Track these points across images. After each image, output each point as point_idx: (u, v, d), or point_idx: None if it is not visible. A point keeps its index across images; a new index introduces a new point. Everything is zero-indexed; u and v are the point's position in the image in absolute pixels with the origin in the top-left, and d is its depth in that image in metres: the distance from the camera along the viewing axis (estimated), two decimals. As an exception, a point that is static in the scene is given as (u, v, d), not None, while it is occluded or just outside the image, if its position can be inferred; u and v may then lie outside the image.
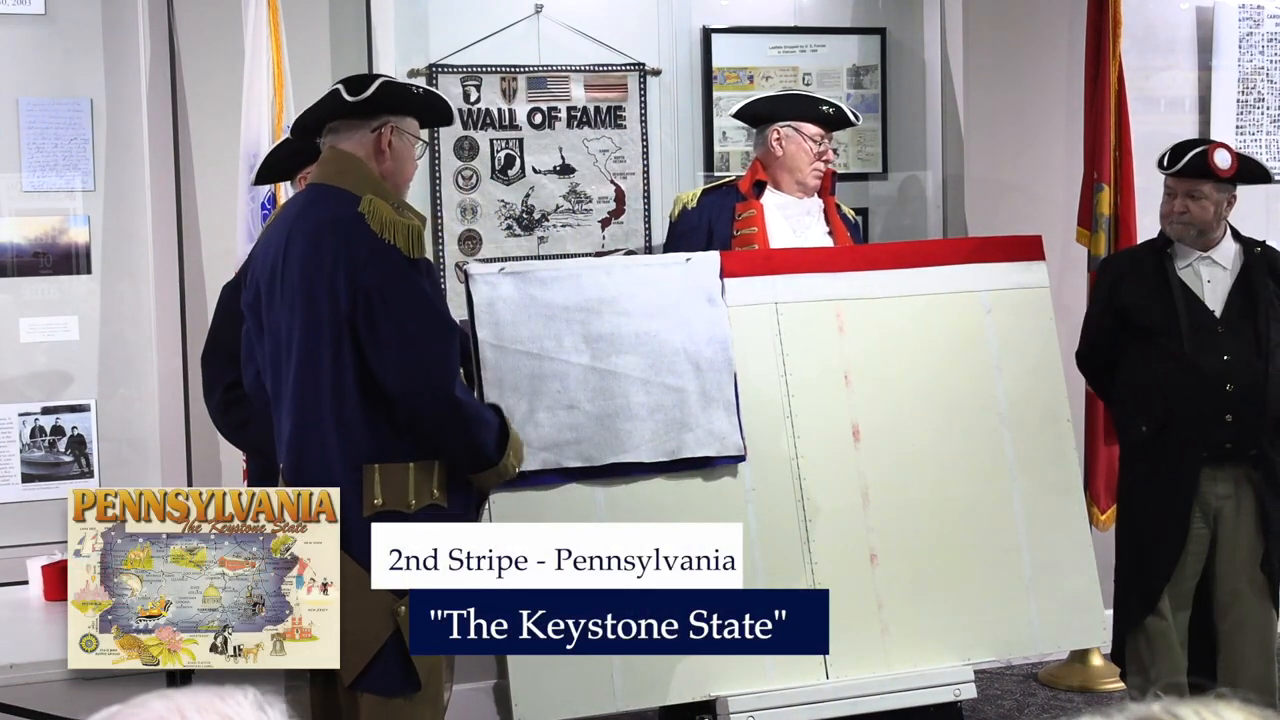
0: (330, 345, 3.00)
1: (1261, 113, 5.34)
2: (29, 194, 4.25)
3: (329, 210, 3.06)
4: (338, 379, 3.02)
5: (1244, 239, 4.04)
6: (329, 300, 3.00)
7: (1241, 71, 5.32)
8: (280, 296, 3.07)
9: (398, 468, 3.05)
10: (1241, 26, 5.31)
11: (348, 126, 3.12)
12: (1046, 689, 4.79)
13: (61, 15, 4.25)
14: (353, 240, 3.00)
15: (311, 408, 3.04)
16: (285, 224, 3.14)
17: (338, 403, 3.03)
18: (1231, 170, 3.94)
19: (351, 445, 3.04)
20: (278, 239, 3.12)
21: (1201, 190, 3.93)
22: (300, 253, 3.04)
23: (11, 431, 4.24)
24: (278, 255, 3.09)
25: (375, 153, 3.12)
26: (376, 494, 3.04)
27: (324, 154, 3.17)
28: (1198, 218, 3.94)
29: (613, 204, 4.81)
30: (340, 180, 3.09)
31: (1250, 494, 3.95)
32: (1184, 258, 4.00)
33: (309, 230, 3.05)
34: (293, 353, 3.05)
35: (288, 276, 3.06)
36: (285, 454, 3.12)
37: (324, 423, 3.04)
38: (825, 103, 4.26)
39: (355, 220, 3.01)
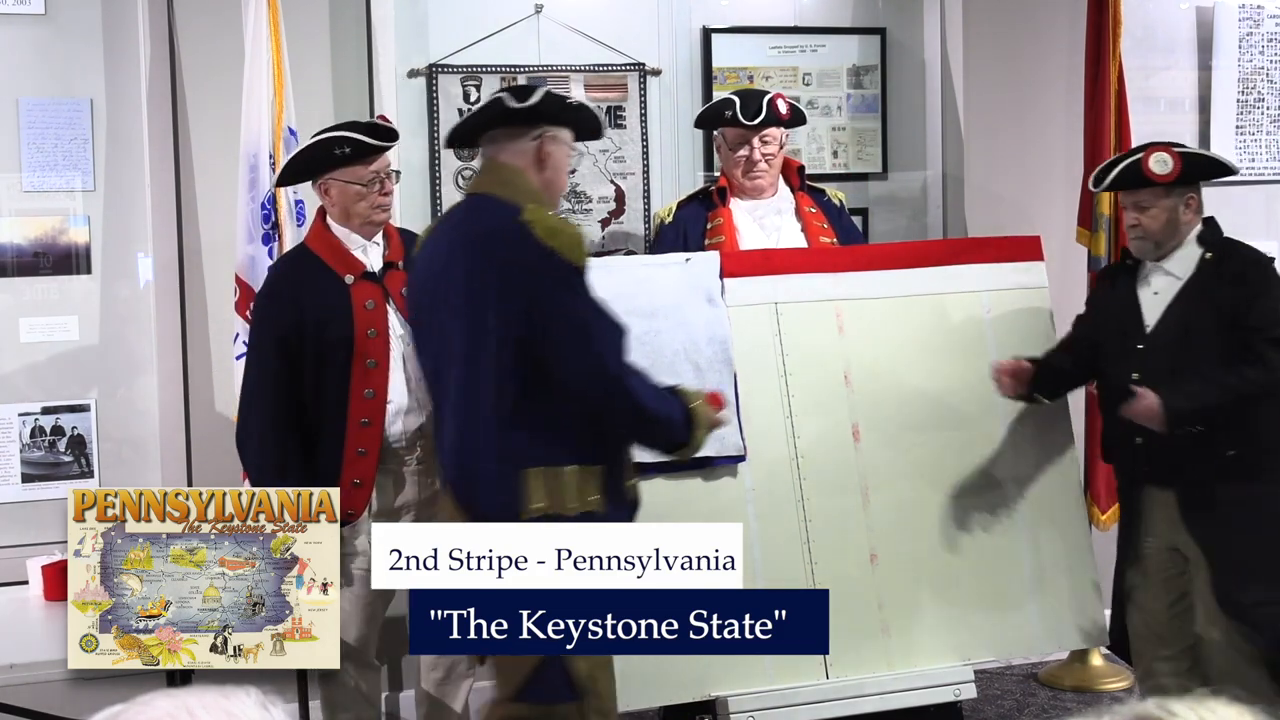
0: (494, 352, 3.02)
1: (1261, 113, 5.34)
2: (29, 194, 4.25)
3: (494, 219, 3.09)
4: (501, 384, 3.04)
5: (1210, 242, 3.72)
6: (496, 308, 3.01)
7: (1241, 71, 5.32)
8: (444, 305, 3.09)
9: (558, 471, 3.06)
10: (1241, 26, 5.31)
11: (507, 136, 3.15)
12: (1046, 689, 4.79)
13: (61, 15, 4.25)
14: (519, 248, 3.02)
15: (474, 413, 3.06)
16: (446, 233, 3.17)
17: (501, 407, 3.05)
18: (1173, 174, 3.64)
19: (513, 449, 3.05)
20: (438, 247, 3.15)
21: (1145, 200, 3.68)
22: (464, 261, 3.06)
23: (11, 431, 4.24)
24: (441, 263, 3.12)
25: (535, 162, 3.15)
26: (538, 498, 3.05)
27: (483, 164, 3.21)
28: (1148, 229, 3.68)
29: (613, 204, 4.81)
30: (502, 190, 3.12)
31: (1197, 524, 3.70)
32: (1146, 268, 3.77)
33: (473, 238, 3.08)
34: (456, 359, 3.07)
35: (452, 285, 3.07)
36: (448, 457, 3.13)
37: (486, 427, 3.05)
38: (728, 104, 4.16)
39: (521, 229, 3.03)
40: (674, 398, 3.20)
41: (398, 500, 3.65)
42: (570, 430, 3.09)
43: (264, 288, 3.70)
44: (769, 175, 4.18)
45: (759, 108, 4.09)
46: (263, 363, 3.56)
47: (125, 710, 0.95)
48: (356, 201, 3.59)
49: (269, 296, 3.62)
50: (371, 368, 3.56)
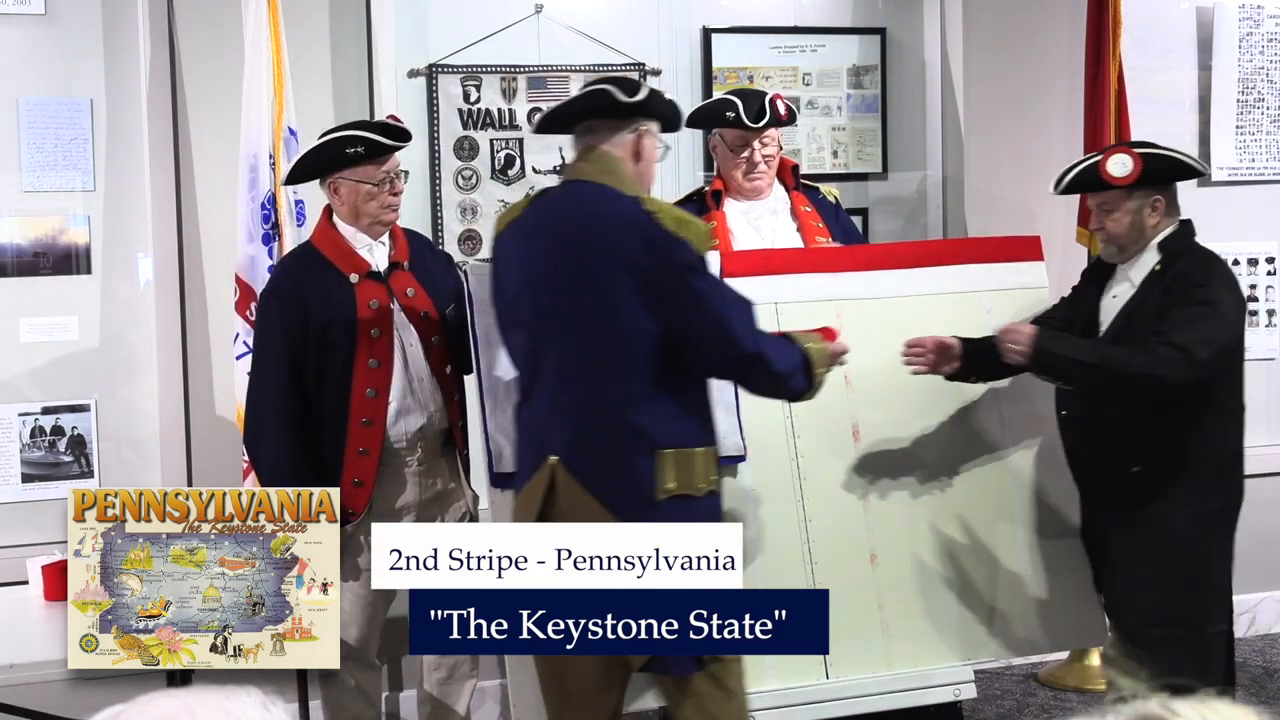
0: (626, 337, 3.07)
1: (1261, 113, 5.34)
2: (29, 194, 4.25)
3: (616, 207, 3.12)
4: (632, 369, 3.09)
5: (1168, 250, 3.58)
6: (627, 295, 3.06)
7: (1241, 71, 5.32)
8: (559, 289, 3.11)
9: (688, 453, 3.13)
10: (1241, 26, 5.31)
11: (607, 127, 3.18)
12: (1046, 689, 4.79)
13: (61, 15, 4.25)
14: (650, 236, 3.06)
15: (601, 399, 3.10)
16: (552, 216, 3.17)
17: (632, 392, 3.09)
18: (1132, 176, 3.51)
19: (646, 432, 3.10)
20: (542, 231, 3.16)
21: (1109, 202, 3.58)
22: (587, 246, 3.09)
23: (11, 431, 4.24)
24: (550, 247, 3.13)
25: (632, 154, 3.19)
26: (670, 478, 3.11)
27: (582, 152, 3.22)
28: (1111, 233, 3.59)
29: (613, 204, 4.81)
30: (605, 178, 3.15)
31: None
32: (1115, 271, 3.68)
33: (597, 225, 3.11)
34: (577, 343, 3.10)
35: (572, 269, 3.10)
36: (572, 442, 3.12)
37: (616, 413, 3.10)
38: (730, 105, 4.09)
39: (648, 218, 3.08)
40: (792, 346, 3.26)
41: (399, 501, 3.65)
42: (697, 412, 3.18)
43: (269, 285, 3.70)
44: (769, 176, 4.17)
45: (761, 108, 4.06)
46: (270, 360, 3.56)
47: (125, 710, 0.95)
48: (367, 201, 3.59)
49: (274, 294, 3.62)
50: (374, 367, 3.56)
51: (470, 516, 3.79)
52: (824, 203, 4.26)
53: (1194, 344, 3.42)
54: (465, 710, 3.82)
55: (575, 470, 3.11)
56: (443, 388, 3.67)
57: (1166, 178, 3.59)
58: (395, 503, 3.65)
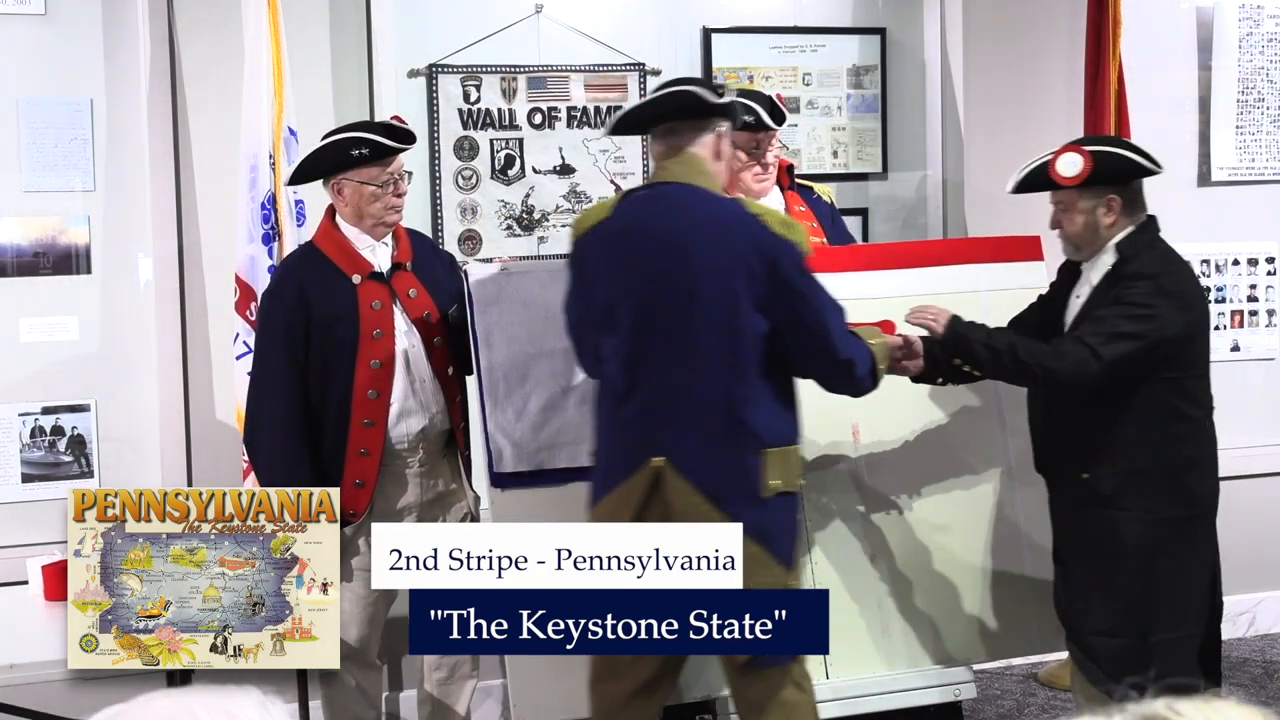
0: (740, 338, 3.12)
1: (1261, 113, 5.34)
2: (29, 194, 4.25)
3: (717, 209, 3.18)
4: (745, 369, 3.14)
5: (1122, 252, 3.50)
6: (741, 296, 3.11)
7: (1241, 71, 5.32)
8: (663, 295, 3.13)
9: (789, 451, 3.21)
10: (1241, 26, 5.31)
11: (690, 128, 3.20)
12: (1046, 689, 4.79)
13: (61, 15, 4.25)
14: (760, 239, 3.12)
15: (714, 400, 3.14)
16: (644, 223, 3.18)
17: (745, 392, 3.15)
18: (1081, 175, 3.43)
19: (755, 430, 3.16)
20: (639, 238, 3.16)
21: (1064, 201, 3.52)
22: (695, 251, 3.12)
23: (11, 431, 4.24)
24: (650, 255, 3.15)
25: (713, 154, 3.23)
26: (775, 476, 3.17)
27: (667, 153, 3.23)
28: (1067, 232, 3.54)
29: (613, 204, 4.81)
30: (698, 180, 3.19)
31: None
32: (1081, 273, 3.61)
33: (702, 228, 3.14)
34: (682, 349, 3.13)
35: (679, 276, 3.12)
36: (676, 444, 3.14)
37: (729, 413, 3.14)
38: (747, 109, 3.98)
39: (756, 221, 3.15)
40: (864, 346, 3.32)
41: (400, 502, 3.65)
42: (793, 410, 3.26)
43: (271, 285, 3.70)
44: (773, 177, 4.18)
45: (774, 110, 4.05)
46: (271, 360, 3.56)
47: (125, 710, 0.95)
48: (371, 203, 3.58)
49: (275, 295, 3.62)
50: (376, 369, 3.56)
51: (472, 517, 3.79)
52: (819, 203, 4.27)
53: (1102, 343, 3.38)
54: (465, 710, 3.82)
55: (685, 470, 3.14)
56: (444, 389, 3.67)
57: (1116, 177, 3.49)
58: (396, 504, 3.65)
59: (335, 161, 3.56)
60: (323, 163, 3.58)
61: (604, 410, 3.28)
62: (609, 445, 3.28)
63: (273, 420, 3.54)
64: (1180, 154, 5.27)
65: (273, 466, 3.53)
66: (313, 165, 3.60)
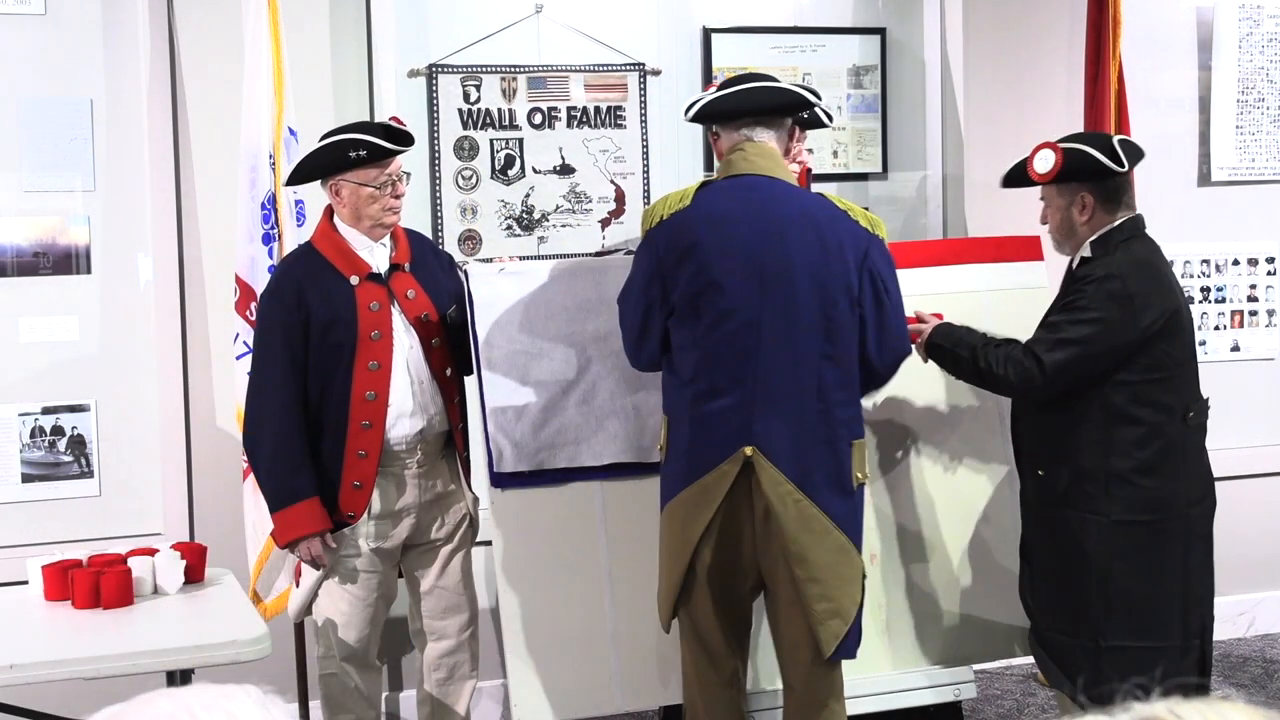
0: (839, 332, 3.18)
1: (1261, 113, 5.34)
2: (29, 194, 4.24)
3: (815, 202, 3.27)
4: (842, 363, 3.21)
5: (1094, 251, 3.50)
6: (840, 291, 3.18)
7: (1241, 71, 5.31)
8: (776, 283, 3.16)
9: (864, 444, 3.30)
10: (1241, 26, 5.31)
11: (767, 124, 3.29)
12: (1047, 689, 4.79)
13: (61, 15, 4.25)
14: (856, 233, 3.22)
15: (814, 392, 3.18)
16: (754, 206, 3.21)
17: (840, 385, 3.21)
18: (1052, 172, 3.46)
19: (849, 424, 3.24)
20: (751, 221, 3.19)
21: (1046, 196, 3.57)
22: (796, 244, 3.17)
23: (11, 431, 4.24)
24: (749, 250, 3.17)
25: (785, 151, 3.33)
26: (859, 467, 3.24)
27: (756, 149, 3.27)
28: (1051, 226, 3.58)
29: (613, 204, 4.82)
30: (779, 174, 3.27)
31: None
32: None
33: (808, 223, 3.20)
34: (786, 342, 3.16)
35: (793, 263, 3.17)
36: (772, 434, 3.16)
37: (829, 406, 3.19)
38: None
39: (844, 214, 3.25)
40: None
41: (398, 503, 3.65)
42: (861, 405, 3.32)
43: (269, 286, 3.69)
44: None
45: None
46: (270, 362, 3.55)
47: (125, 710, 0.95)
48: (369, 204, 3.58)
49: (274, 295, 3.61)
50: (374, 370, 3.56)
51: (470, 518, 3.78)
52: None
53: (1045, 350, 3.40)
54: (465, 710, 3.82)
55: (778, 460, 3.16)
56: (443, 390, 3.67)
57: (1080, 175, 3.48)
58: (395, 505, 3.64)
59: (333, 163, 3.55)
60: (320, 164, 3.57)
61: (681, 400, 3.25)
62: (692, 435, 3.23)
63: (272, 421, 3.54)
64: (1180, 154, 5.27)
65: (273, 468, 3.53)
66: (310, 166, 3.60)
